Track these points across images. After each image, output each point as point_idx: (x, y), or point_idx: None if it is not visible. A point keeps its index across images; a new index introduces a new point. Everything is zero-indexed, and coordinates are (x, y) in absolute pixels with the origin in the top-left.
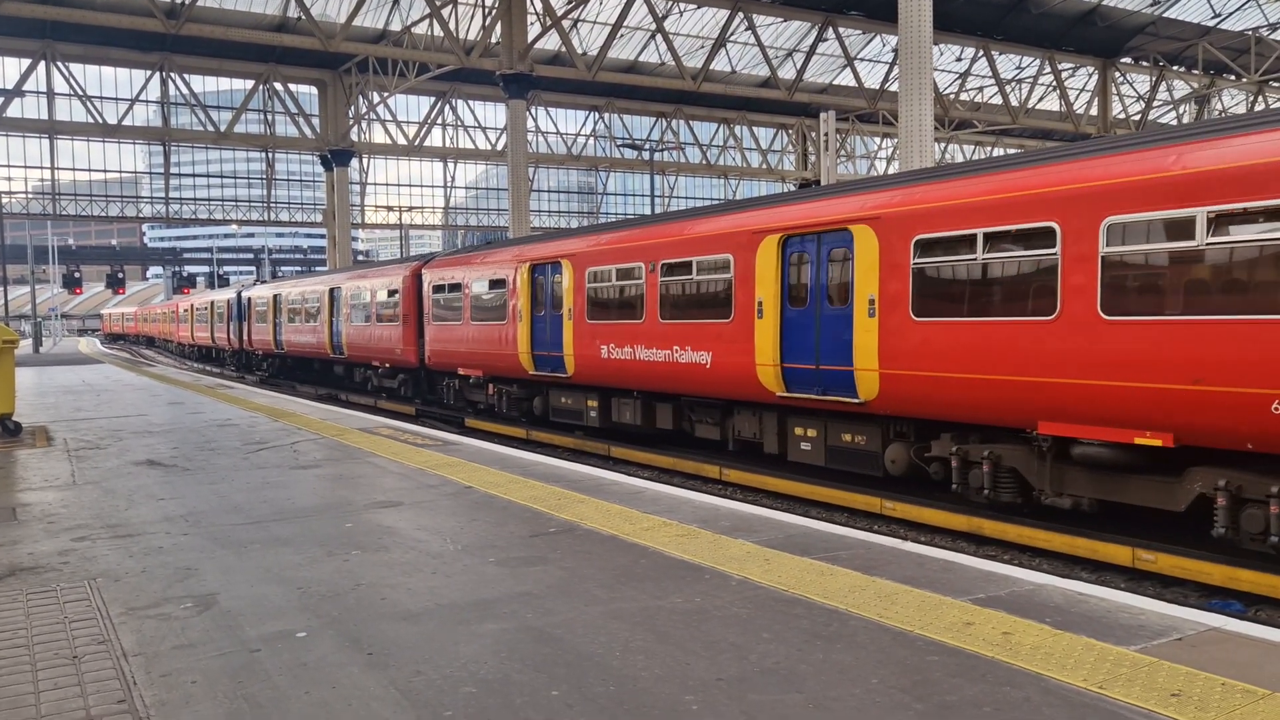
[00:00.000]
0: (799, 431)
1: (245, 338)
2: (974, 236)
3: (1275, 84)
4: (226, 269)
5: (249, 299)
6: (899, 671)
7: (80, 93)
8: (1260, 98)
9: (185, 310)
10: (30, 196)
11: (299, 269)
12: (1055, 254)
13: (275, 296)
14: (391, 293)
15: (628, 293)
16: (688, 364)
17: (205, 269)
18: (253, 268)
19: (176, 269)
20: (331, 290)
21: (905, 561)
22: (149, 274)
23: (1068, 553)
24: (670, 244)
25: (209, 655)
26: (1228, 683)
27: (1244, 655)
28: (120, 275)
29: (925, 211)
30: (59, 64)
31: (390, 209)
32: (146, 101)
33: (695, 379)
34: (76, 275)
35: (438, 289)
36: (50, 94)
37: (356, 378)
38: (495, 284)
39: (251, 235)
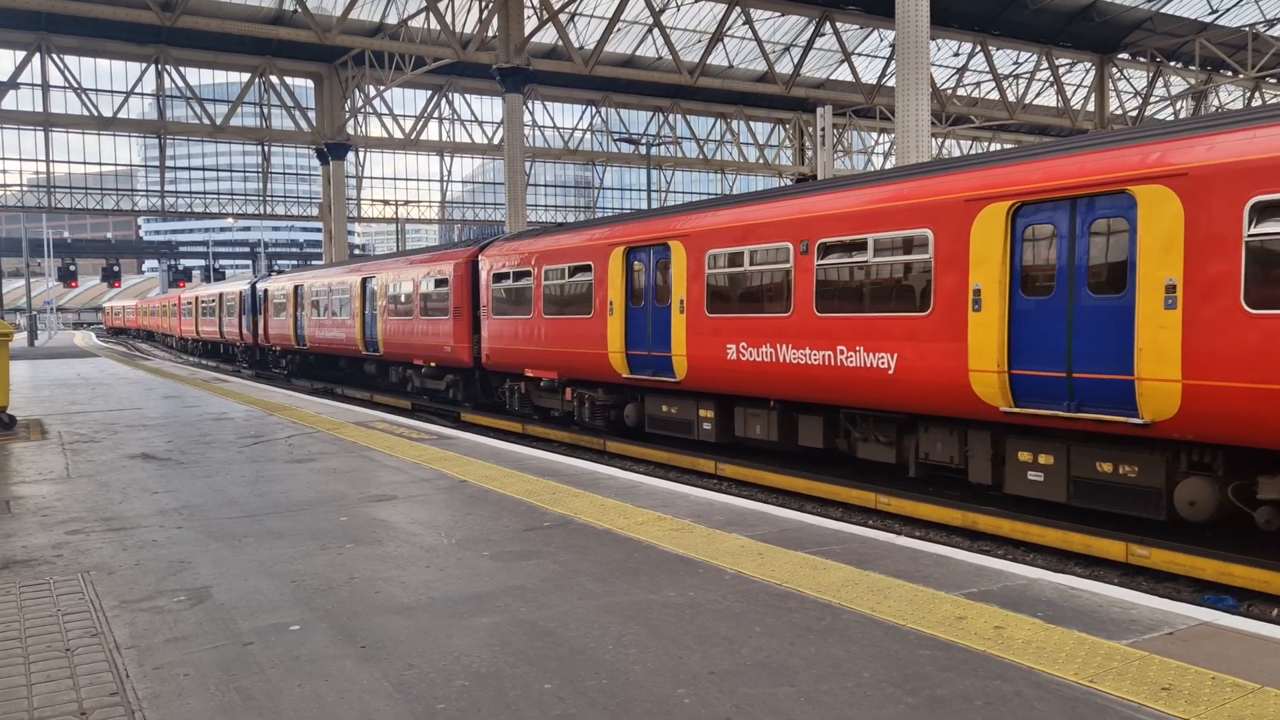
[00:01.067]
0: (1025, 457)
1: (261, 333)
2: None
3: (1272, 80)
4: (222, 263)
5: (265, 291)
6: (891, 665)
7: (75, 85)
8: (1257, 94)
9: (189, 303)
10: (25, 189)
11: (295, 262)
12: None
13: (296, 288)
14: (440, 282)
15: (767, 280)
16: (858, 368)
17: (201, 263)
18: (249, 261)
19: (172, 262)
20: (364, 280)
21: (899, 556)
22: (145, 267)
23: (1062, 548)
24: (832, 219)
25: (202, 648)
26: (1218, 677)
27: (1235, 650)
28: (115, 269)
29: (1270, 164)
30: (54, 56)
31: (386, 203)
32: (142, 94)
33: (868, 387)
34: (72, 268)
35: (499, 277)
36: (45, 86)
37: (393, 377)
38: (577, 271)
39: (247, 229)
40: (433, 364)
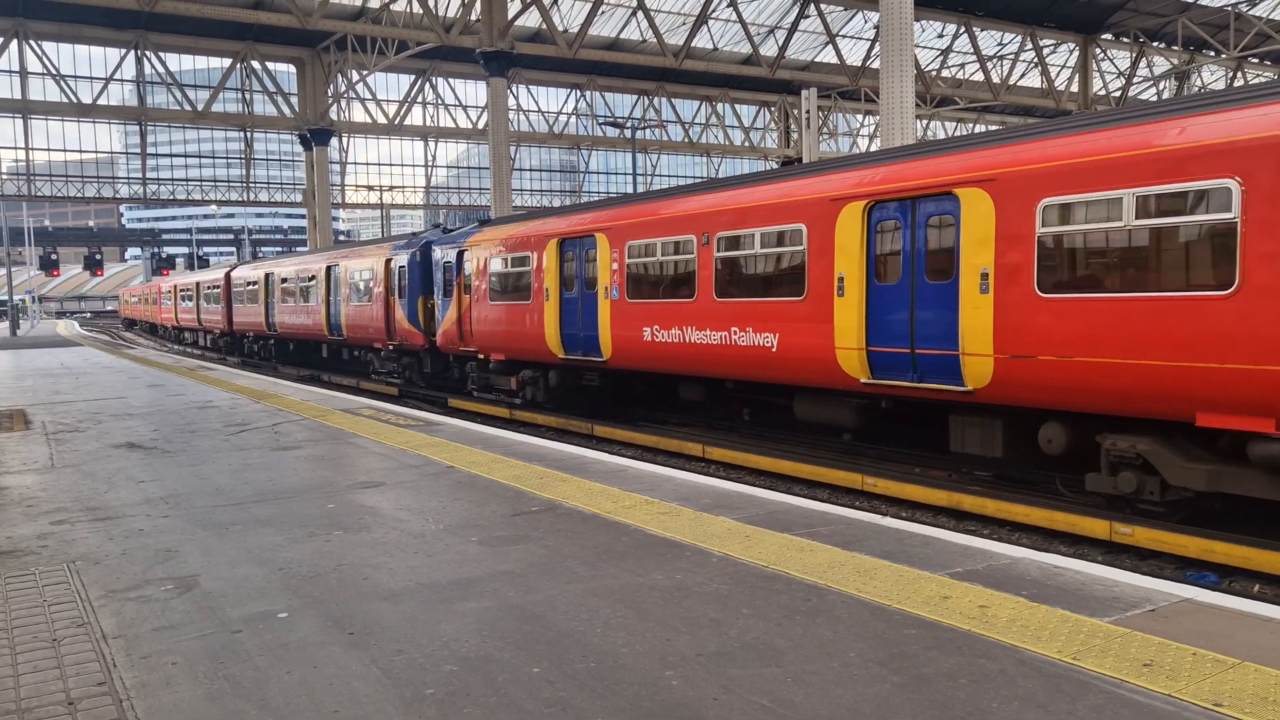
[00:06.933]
0: None
1: (455, 330)
2: None
3: (1254, 60)
4: (206, 250)
5: (460, 255)
6: (877, 645)
7: (54, 71)
8: (1239, 74)
9: (251, 284)
10: (5, 177)
11: (280, 249)
12: None
13: (565, 244)
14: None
15: None
16: None
17: (185, 250)
18: (233, 248)
19: (155, 250)
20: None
21: (885, 537)
22: (127, 255)
23: (1047, 527)
24: None
25: (190, 637)
26: (1199, 652)
27: (1216, 625)
28: (98, 257)
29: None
30: (31, 42)
31: (371, 188)
32: (122, 80)
33: None
34: (53, 257)
35: None
36: (23, 72)
37: (974, 446)
38: None
39: (231, 216)
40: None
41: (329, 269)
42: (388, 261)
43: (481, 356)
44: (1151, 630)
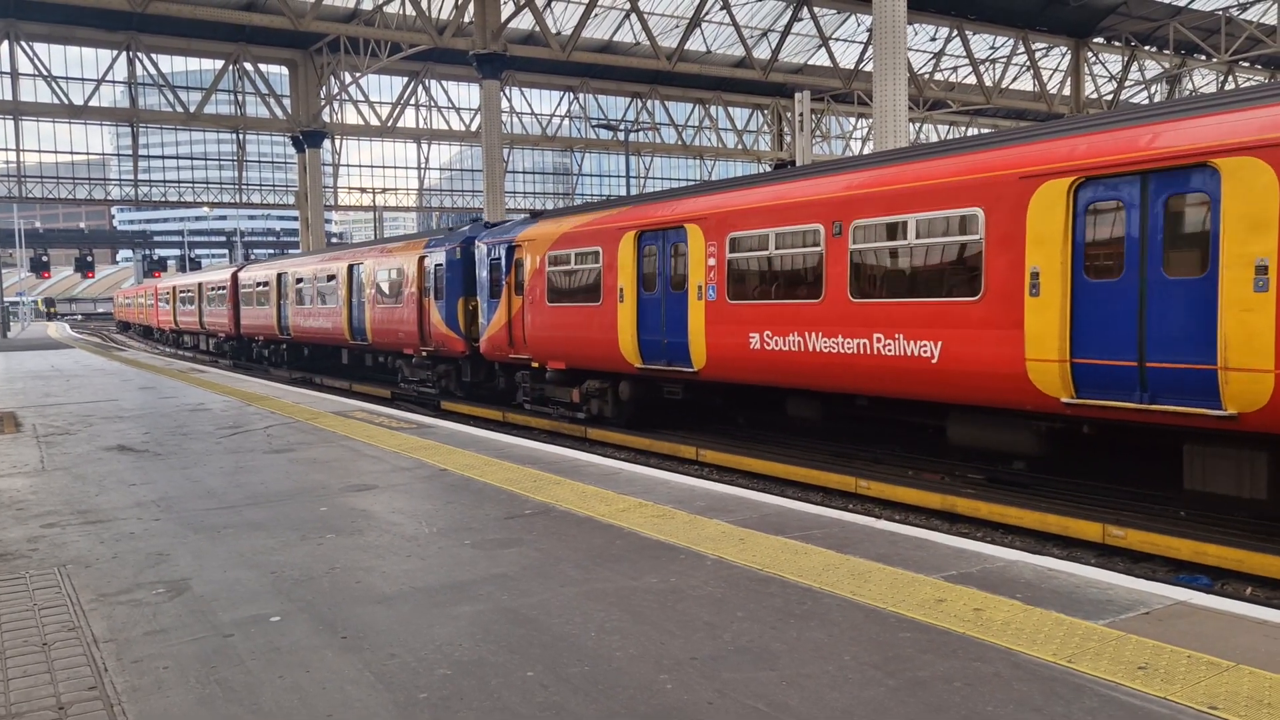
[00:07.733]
0: None
1: (507, 335)
2: None
3: (1245, 64)
4: (198, 252)
5: (511, 250)
6: (871, 648)
7: (45, 73)
8: (1230, 78)
9: (262, 284)
10: None
11: (272, 252)
12: None
13: None
14: None
15: None
16: None
17: (176, 252)
18: (225, 251)
19: (147, 252)
20: None
21: (879, 540)
22: (119, 257)
23: (1040, 529)
24: None
25: (181, 641)
26: (1193, 655)
27: (1209, 628)
28: (89, 259)
29: None
30: (23, 43)
31: (364, 190)
32: (113, 82)
33: None
34: (44, 259)
35: None
36: (14, 74)
37: None
38: None
39: (223, 218)
40: None
41: (351, 268)
42: (421, 259)
43: (536, 365)
44: (1146, 633)
